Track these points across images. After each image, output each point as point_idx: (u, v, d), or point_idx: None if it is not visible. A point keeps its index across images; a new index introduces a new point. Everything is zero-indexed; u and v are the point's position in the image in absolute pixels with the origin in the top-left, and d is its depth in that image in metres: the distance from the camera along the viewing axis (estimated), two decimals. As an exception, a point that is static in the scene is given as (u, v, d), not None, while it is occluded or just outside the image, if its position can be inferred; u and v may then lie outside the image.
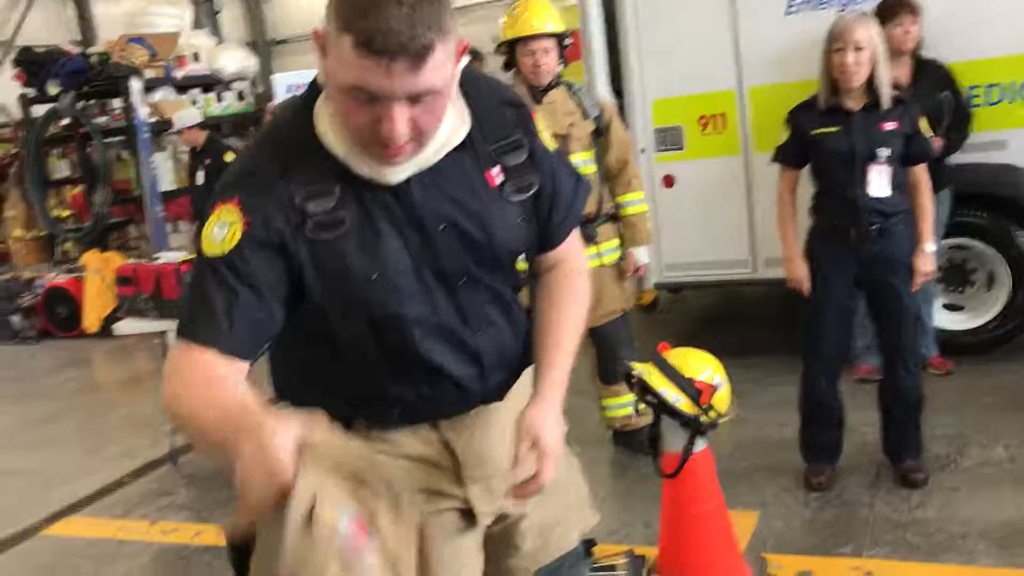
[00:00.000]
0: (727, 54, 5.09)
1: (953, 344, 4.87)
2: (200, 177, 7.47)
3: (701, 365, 2.84)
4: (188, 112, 7.97)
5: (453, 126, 1.47)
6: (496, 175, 1.53)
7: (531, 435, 1.50)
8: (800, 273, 3.57)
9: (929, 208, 3.54)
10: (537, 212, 1.61)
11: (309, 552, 1.24)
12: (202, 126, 7.69)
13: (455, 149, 1.48)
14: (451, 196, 1.48)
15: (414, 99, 1.31)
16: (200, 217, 1.45)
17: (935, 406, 3.92)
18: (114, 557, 3.95)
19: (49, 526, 4.40)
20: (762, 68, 5.02)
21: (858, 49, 3.34)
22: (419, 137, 1.37)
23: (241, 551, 1.47)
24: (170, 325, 4.63)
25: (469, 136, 1.50)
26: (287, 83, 10.55)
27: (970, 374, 4.66)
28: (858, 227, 3.43)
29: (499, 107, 1.57)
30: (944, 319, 4.93)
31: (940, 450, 3.84)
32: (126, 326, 4.89)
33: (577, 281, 1.71)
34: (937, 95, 4.39)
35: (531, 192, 1.57)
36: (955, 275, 4.97)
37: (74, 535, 4.29)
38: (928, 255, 3.50)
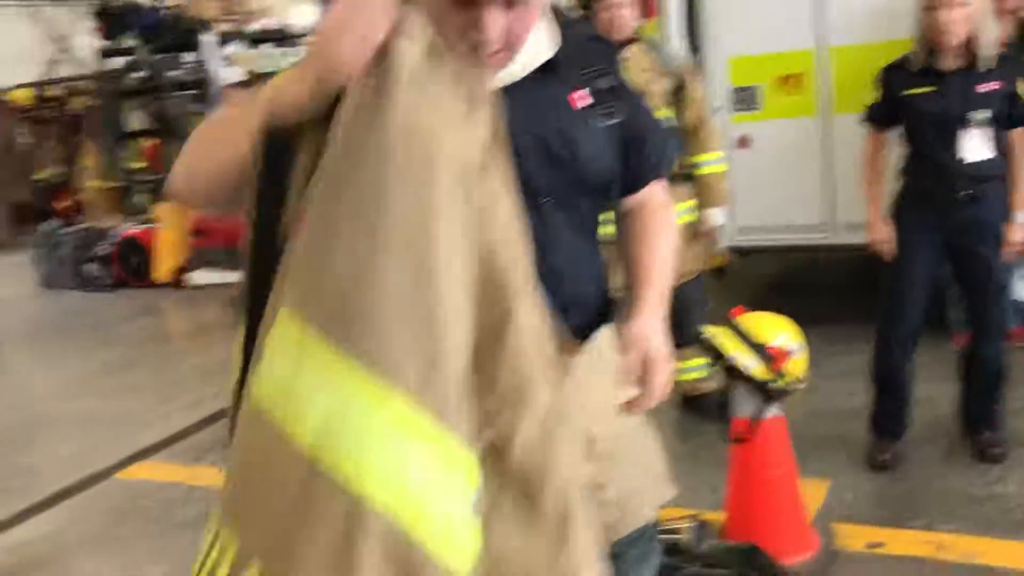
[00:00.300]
0: (806, 12, 4.92)
1: (1036, 317, 4.70)
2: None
3: (776, 330, 2.77)
4: (231, 69, 7.99)
5: (542, 43, 1.47)
6: (582, 97, 1.51)
7: (639, 344, 1.47)
8: (884, 235, 3.44)
9: None
10: (625, 147, 1.58)
11: None
12: (245, 84, 7.74)
13: (542, 70, 1.47)
14: (537, 111, 1.46)
15: (509, 3, 1.31)
16: None
17: (1016, 379, 3.78)
18: (184, 501, 4.05)
19: (121, 470, 4.52)
20: (844, 28, 4.85)
21: (958, 6, 3.16)
22: (510, 46, 1.36)
23: (279, 147, 1.26)
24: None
25: (556, 57, 1.49)
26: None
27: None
28: (948, 191, 3.30)
29: (587, 40, 1.59)
30: (1026, 290, 4.76)
31: (1021, 424, 3.71)
32: (200, 276, 4.98)
33: (667, 217, 1.68)
34: None
35: (618, 120, 1.55)
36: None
37: (145, 479, 4.40)
38: (1021, 225, 3.34)
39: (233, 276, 4.75)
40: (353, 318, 1.16)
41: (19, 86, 12.41)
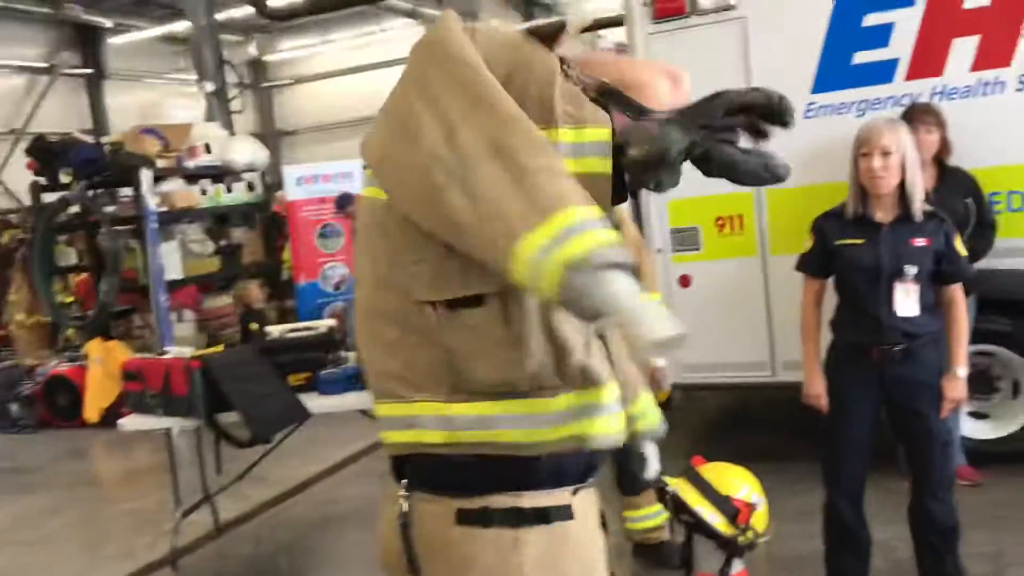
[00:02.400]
0: (745, 156, 5.09)
1: (980, 453, 4.76)
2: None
3: (738, 482, 2.74)
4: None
5: None
6: None
7: None
8: (819, 390, 3.40)
9: (964, 330, 3.34)
10: None
11: None
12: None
13: None
14: None
15: None
16: None
17: (969, 522, 3.76)
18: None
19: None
20: (780, 171, 5.02)
21: (885, 154, 3.20)
22: None
23: None
24: (177, 422, 4.54)
25: None
26: (297, 175, 10.64)
27: (1002, 486, 4.54)
28: (881, 347, 3.26)
29: None
30: (970, 428, 4.83)
31: (980, 570, 3.69)
32: (132, 422, 4.77)
33: None
34: (960, 201, 4.38)
35: None
36: (980, 382, 4.88)
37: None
38: (960, 380, 3.29)
39: (167, 421, 4.57)
40: None
41: (-52, 219, 12.16)
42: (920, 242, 3.25)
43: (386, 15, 14.92)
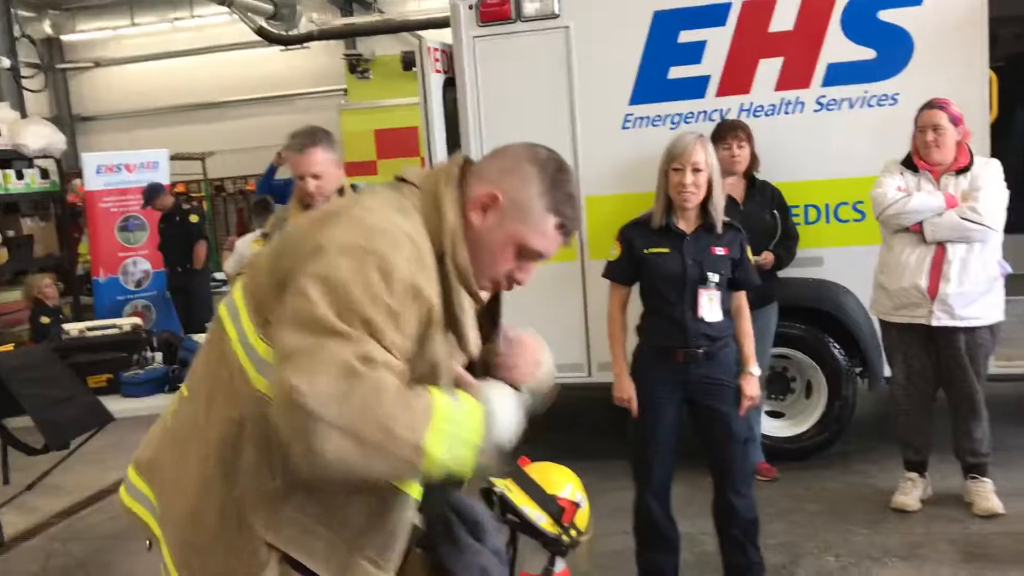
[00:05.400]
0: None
1: (776, 451, 5.07)
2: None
3: (562, 480, 2.78)
4: None
5: None
6: None
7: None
8: (629, 393, 3.53)
9: (751, 332, 3.59)
10: None
11: None
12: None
13: None
14: None
15: None
16: None
17: (767, 514, 4.00)
18: None
19: None
20: (599, 179, 5.17)
21: (696, 171, 3.36)
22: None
23: None
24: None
25: None
26: (97, 163, 10.00)
27: (794, 481, 4.84)
28: (685, 350, 3.42)
29: None
30: (767, 426, 5.13)
31: (777, 560, 3.91)
32: None
33: None
34: (768, 213, 4.65)
35: None
36: (777, 383, 5.20)
37: None
38: (754, 378, 3.53)
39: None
40: None
41: None
42: (720, 251, 3.45)
43: (198, 1, 14.29)
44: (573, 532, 2.71)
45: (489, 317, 1.86)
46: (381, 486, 1.58)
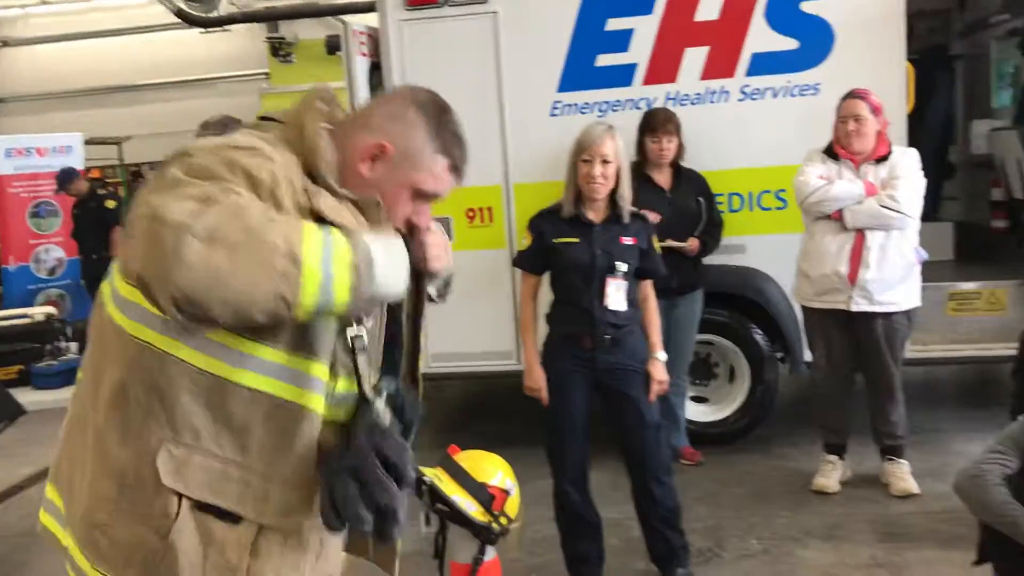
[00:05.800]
0: (495, 150, 5.19)
1: (700, 435, 5.14)
2: None
3: (492, 468, 2.77)
4: None
5: None
6: None
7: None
8: (539, 383, 3.53)
9: (658, 320, 3.63)
10: None
11: None
12: None
13: None
14: None
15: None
16: None
17: (691, 497, 4.06)
18: None
19: None
20: (527, 166, 5.16)
21: (605, 162, 3.39)
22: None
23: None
24: None
25: None
26: (7, 146, 9.64)
27: (718, 465, 4.92)
28: (592, 337, 3.44)
29: None
30: (691, 411, 5.20)
31: (701, 543, 3.97)
32: None
33: None
34: (694, 200, 4.70)
35: None
36: (701, 368, 5.28)
37: None
38: (661, 363, 3.56)
39: None
40: None
41: None
42: (628, 241, 3.49)
43: (113, -20, 13.88)
44: (503, 520, 2.71)
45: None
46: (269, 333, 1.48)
